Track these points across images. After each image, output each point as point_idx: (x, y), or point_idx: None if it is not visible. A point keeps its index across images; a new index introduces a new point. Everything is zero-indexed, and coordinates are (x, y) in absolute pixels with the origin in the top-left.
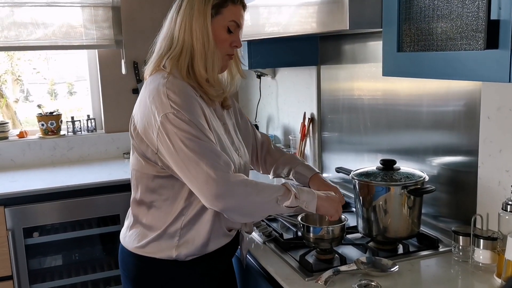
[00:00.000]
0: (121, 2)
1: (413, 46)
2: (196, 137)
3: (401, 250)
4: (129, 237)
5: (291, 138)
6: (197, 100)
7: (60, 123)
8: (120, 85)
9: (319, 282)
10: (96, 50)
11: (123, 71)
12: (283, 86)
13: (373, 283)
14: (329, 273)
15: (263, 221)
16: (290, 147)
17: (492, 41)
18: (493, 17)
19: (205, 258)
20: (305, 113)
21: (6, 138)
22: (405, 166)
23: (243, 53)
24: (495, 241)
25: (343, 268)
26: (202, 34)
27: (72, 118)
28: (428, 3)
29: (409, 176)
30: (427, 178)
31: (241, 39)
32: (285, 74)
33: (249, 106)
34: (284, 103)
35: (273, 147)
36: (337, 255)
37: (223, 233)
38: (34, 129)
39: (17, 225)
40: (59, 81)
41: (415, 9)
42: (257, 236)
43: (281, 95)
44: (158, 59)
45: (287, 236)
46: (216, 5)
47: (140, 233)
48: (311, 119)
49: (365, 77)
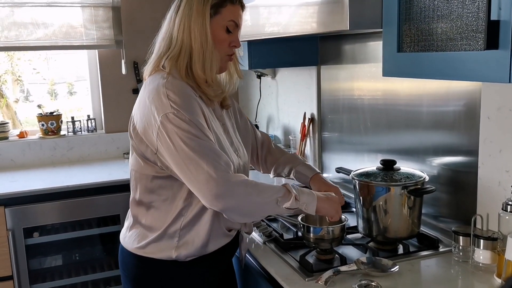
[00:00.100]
0: (121, 2)
1: (413, 46)
2: (196, 136)
3: (401, 250)
4: (129, 238)
5: (291, 138)
6: (196, 100)
7: (60, 123)
8: (120, 85)
9: (319, 282)
10: (96, 50)
11: (123, 71)
12: (283, 86)
13: (373, 283)
14: (329, 273)
15: (263, 221)
16: (290, 147)
17: (492, 41)
18: (493, 17)
19: (205, 258)
20: (305, 113)
21: (6, 138)
22: (405, 166)
23: (243, 53)
24: (495, 241)
25: (343, 268)
26: (200, 34)
27: (72, 118)
28: (428, 4)
29: (409, 176)
30: (427, 178)
31: (239, 39)
32: (285, 74)
33: (249, 106)
34: (284, 103)
35: (274, 146)
36: (337, 255)
37: (222, 233)
38: (34, 129)
39: (17, 225)
40: (59, 81)
41: (415, 10)
42: (257, 236)
43: (281, 95)
44: (157, 59)
45: (287, 236)
46: (215, 5)
47: (140, 233)
48: (311, 119)
49: (365, 77)
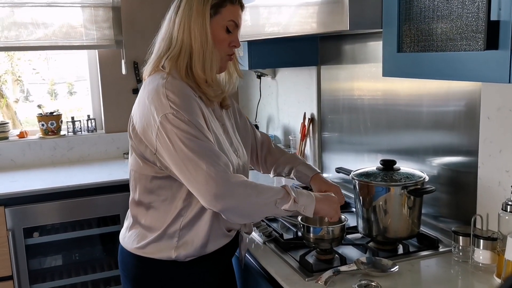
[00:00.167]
0: (121, 2)
1: (413, 46)
2: (195, 137)
3: (401, 250)
4: (128, 238)
5: (291, 138)
6: (196, 100)
7: (60, 123)
8: (120, 85)
9: (319, 282)
10: (96, 50)
11: (123, 71)
12: (283, 86)
13: (373, 283)
14: (329, 273)
15: (263, 221)
16: (290, 147)
17: (492, 41)
18: (493, 17)
19: (205, 258)
20: (305, 113)
21: (6, 138)
22: (405, 166)
23: (243, 54)
24: (495, 242)
25: (343, 268)
26: (200, 34)
27: (72, 118)
28: (428, 4)
29: (409, 176)
30: (427, 178)
31: (239, 39)
32: (285, 74)
33: (249, 106)
34: (284, 103)
35: (274, 146)
36: (337, 255)
37: (222, 233)
38: (34, 129)
39: (17, 225)
40: (59, 81)
41: (415, 10)
42: (257, 236)
43: (281, 95)
44: (157, 59)
45: (287, 236)
46: (214, 5)
47: (139, 233)
48: (311, 119)
49: (365, 77)
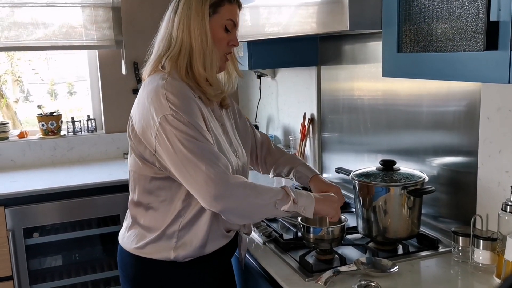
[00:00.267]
0: (121, 2)
1: (413, 47)
2: (195, 138)
3: (401, 250)
4: (127, 238)
5: (291, 138)
6: (195, 101)
7: (60, 124)
8: (120, 85)
9: (319, 282)
10: (96, 50)
11: (123, 72)
12: (283, 86)
13: (373, 284)
14: (329, 273)
15: (263, 221)
16: (290, 147)
17: (491, 42)
18: (493, 18)
19: (204, 259)
20: (305, 113)
21: (6, 138)
22: (405, 166)
23: (243, 54)
24: (495, 242)
25: (343, 268)
26: (200, 33)
27: (72, 118)
28: (427, 4)
29: (409, 176)
30: (427, 178)
31: (237, 38)
32: (285, 74)
33: (249, 106)
34: (284, 103)
35: (273, 147)
36: (337, 256)
37: (221, 234)
38: (34, 129)
39: (17, 225)
40: (59, 81)
41: (415, 10)
42: (257, 236)
43: (281, 95)
44: (156, 60)
45: (287, 236)
46: (213, 4)
47: (138, 234)
48: (311, 120)
49: (365, 78)
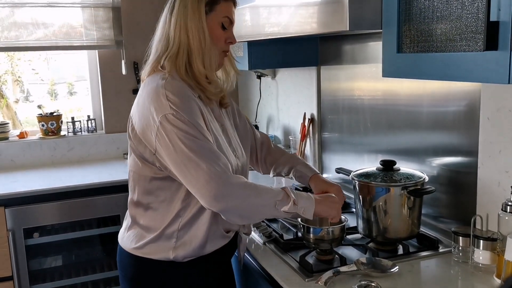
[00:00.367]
0: (122, 2)
1: (413, 47)
2: (195, 137)
3: (401, 250)
4: (127, 238)
5: (291, 138)
6: (195, 100)
7: (60, 124)
8: (120, 86)
9: (319, 282)
10: (96, 50)
11: (123, 72)
12: (283, 86)
13: (373, 284)
14: (329, 273)
15: (263, 221)
16: (290, 147)
17: (491, 42)
18: (493, 18)
19: (203, 259)
20: (305, 113)
21: (6, 138)
22: (405, 166)
23: (243, 54)
24: (495, 242)
25: (343, 268)
26: (198, 31)
27: (72, 118)
28: (427, 5)
29: (409, 176)
30: (427, 178)
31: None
32: (285, 74)
33: (249, 106)
34: (284, 103)
35: (273, 146)
36: (337, 256)
37: (220, 234)
38: (34, 129)
39: (18, 225)
40: (59, 81)
41: (415, 10)
42: (257, 236)
43: (281, 95)
44: (155, 60)
45: (287, 236)
46: (209, 3)
47: (137, 234)
48: (311, 120)
49: (365, 78)
